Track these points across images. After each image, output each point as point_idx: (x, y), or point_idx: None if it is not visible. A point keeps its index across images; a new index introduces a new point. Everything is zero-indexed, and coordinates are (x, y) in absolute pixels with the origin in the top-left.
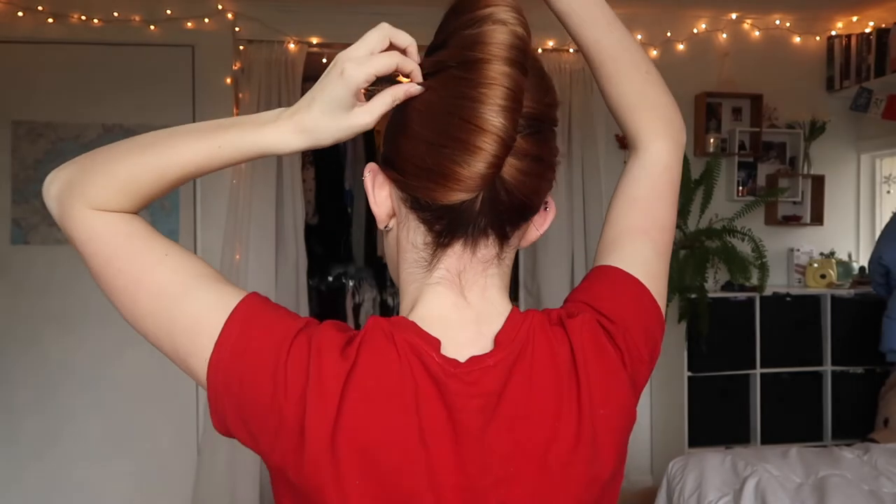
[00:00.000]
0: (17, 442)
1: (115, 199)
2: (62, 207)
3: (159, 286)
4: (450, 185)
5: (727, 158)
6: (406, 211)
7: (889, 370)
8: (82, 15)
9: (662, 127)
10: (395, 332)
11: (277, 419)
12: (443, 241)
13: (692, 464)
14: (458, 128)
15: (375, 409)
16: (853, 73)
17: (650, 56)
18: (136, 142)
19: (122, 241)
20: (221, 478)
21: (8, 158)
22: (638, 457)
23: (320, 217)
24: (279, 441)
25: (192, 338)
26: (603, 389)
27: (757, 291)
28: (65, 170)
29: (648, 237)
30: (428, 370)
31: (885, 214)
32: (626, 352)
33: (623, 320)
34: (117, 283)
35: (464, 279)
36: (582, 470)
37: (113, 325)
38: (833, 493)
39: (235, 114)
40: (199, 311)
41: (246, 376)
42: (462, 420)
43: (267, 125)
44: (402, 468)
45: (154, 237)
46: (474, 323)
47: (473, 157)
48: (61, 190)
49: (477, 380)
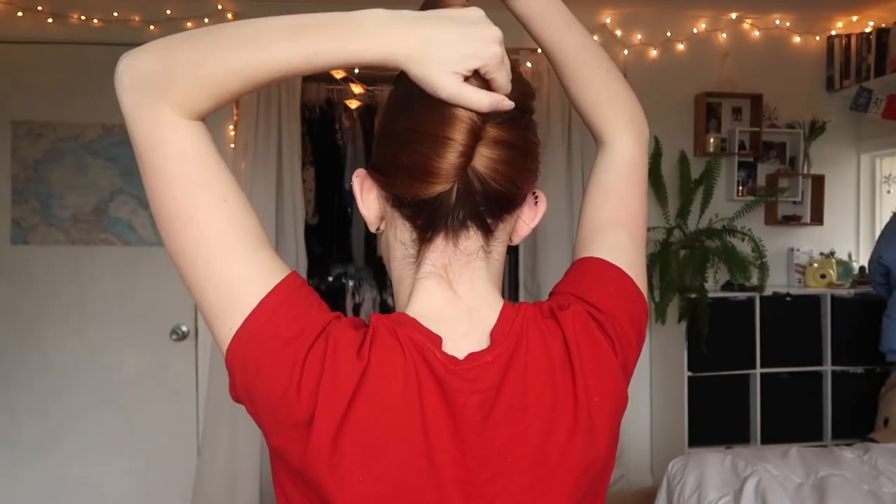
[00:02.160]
0: (17, 441)
1: (202, 101)
2: (138, 102)
3: (209, 232)
4: (424, 179)
5: (727, 158)
6: (391, 210)
7: (889, 370)
8: (82, 15)
9: (626, 122)
10: (398, 330)
11: (286, 411)
12: (426, 235)
13: (692, 464)
14: (427, 120)
15: (382, 406)
16: (853, 73)
17: (650, 56)
18: (218, 36)
19: (191, 165)
20: (221, 478)
21: (8, 158)
22: (638, 457)
23: (320, 217)
24: (283, 429)
25: (223, 301)
26: (596, 378)
27: (757, 291)
28: (142, 59)
29: (625, 228)
30: (430, 367)
31: (885, 214)
32: (615, 340)
33: (611, 309)
34: (168, 208)
35: (450, 272)
36: (578, 458)
37: (113, 324)
38: (833, 492)
39: (235, 113)
40: (238, 277)
41: (263, 363)
42: (462, 415)
43: (372, 35)
44: (405, 465)
45: (222, 170)
46: (467, 316)
47: (444, 148)
48: (139, 83)
49: (476, 376)
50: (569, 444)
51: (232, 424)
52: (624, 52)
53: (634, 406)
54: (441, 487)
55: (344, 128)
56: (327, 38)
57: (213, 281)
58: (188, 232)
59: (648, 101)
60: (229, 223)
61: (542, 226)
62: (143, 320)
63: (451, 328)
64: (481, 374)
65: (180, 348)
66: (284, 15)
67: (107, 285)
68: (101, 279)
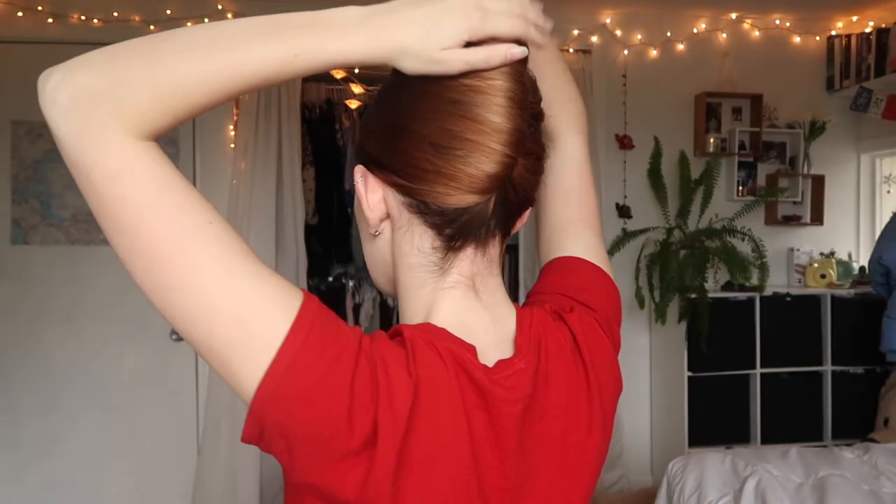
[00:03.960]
0: (17, 441)
1: (159, 119)
2: (83, 125)
3: (203, 258)
4: (462, 188)
5: (727, 158)
6: (409, 215)
7: (889, 370)
8: (82, 15)
9: (576, 121)
10: (435, 341)
11: (335, 442)
12: (455, 244)
13: (692, 464)
14: (465, 128)
15: (434, 423)
16: (853, 73)
17: (650, 56)
18: (176, 41)
19: (161, 191)
20: (221, 478)
21: (8, 158)
22: (638, 457)
23: (320, 217)
24: (329, 462)
25: (240, 335)
26: (604, 375)
27: (757, 291)
28: (82, 73)
29: (590, 225)
30: (472, 378)
31: (885, 214)
32: (609, 335)
33: (601, 307)
34: (143, 241)
35: (477, 282)
36: (595, 454)
37: (113, 325)
38: (833, 493)
39: (236, 113)
40: (252, 303)
41: (303, 394)
42: (503, 424)
43: (350, 32)
44: (458, 482)
45: (193, 190)
46: (492, 325)
47: (487, 158)
48: (81, 102)
49: (514, 385)
50: (587, 441)
51: (232, 424)
52: (624, 52)
53: (634, 406)
54: (485, 498)
55: (344, 128)
56: (306, 38)
57: (224, 314)
58: (177, 261)
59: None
60: (222, 245)
61: None
62: (143, 320)
63: (480, 338)
64: (518, 383)
65: (180, 348)
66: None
67: (107, 285)
68: (100, 279)
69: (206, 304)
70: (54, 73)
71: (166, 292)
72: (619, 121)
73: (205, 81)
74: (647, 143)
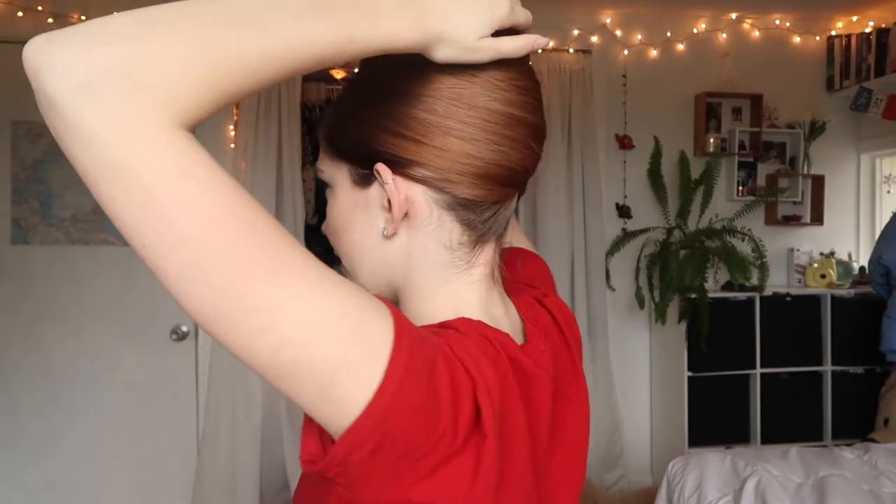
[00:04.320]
0: (17, 441)
1: (210, 106)
2: (120, 113)
3: (290, 265)
4: (502, 183)
5: (727, 158)
6: (440, 212)
7: (889, 370)
8: (82, 15)
9: None
10: (485, 332)
11: (438, 446)
12: (484, 237)
13: (692, 464)
14: (507, 126)
15: (509, 412)
16: (853, 73)
17: (650, 56)
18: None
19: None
20: (221, 478)
21: (8, 158)
22: (638, 457)
23: (320, 217)
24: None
25: (351, 351)
26: (576, 348)
27: (757, 291)
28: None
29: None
30: (519, 363)
31: (885, 214)
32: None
33: (552, 288)
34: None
35: (496, 273)
36: (587, 423)
37: (113, 325)
38: (833, 493)
39: (235, 113)
40: (354, 315)
41: (415, 406)
42: (542, 404)
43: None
44: (525, 469)
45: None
46: (506, 313)
47: (527, 154)
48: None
49: (546, 366)
50: (584, 412)
51: (232, 424)
52: (624, 52)
53: (634, 406)
54: (536, 481)
55: None
56: (359, 19)
57: (329, 329)
58: (259, 276)
59: (648, 101)
60: (297, 248)
61: (542, 225)
62: (143, 320)
63: (504, 327)
64: (548, 364)
65: (180, 348)
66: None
67: (107, 285)
68: (100, 279)
69: (302, 322)
70: (63, 46)
71: (246, 314)
72: (619, 121)
73: (267, 62)
74: (647, 143)
